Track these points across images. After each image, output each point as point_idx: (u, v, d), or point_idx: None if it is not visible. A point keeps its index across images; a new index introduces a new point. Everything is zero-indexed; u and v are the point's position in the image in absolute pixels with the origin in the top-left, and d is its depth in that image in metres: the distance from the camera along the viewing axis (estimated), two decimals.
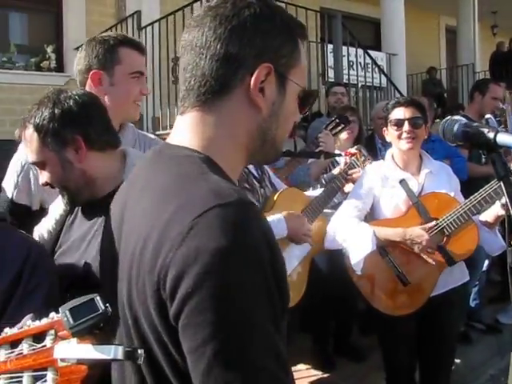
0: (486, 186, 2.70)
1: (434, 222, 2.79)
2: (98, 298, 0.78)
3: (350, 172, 3.30)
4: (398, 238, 2.79)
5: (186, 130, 1.09)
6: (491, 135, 1.32)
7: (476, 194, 2.73)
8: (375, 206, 2.96)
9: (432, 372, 2.98)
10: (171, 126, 6.77)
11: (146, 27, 7.20)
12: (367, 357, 4.21)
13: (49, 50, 8.46)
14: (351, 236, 2.85)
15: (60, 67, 8.58)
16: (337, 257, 3.09)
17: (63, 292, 1.48)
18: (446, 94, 12.25)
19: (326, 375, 4.03)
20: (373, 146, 4.93)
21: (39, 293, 1.37)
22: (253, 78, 1.04)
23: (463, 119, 1.41)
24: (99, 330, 0.78)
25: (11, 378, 0.74)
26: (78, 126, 1.65)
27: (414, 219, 2.83)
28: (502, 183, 1.30)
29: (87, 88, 2.16)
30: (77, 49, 7.89)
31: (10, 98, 7.78)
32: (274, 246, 0.93)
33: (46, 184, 1.71)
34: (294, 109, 1.13)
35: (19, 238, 1.49)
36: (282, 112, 1.10)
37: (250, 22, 1.04)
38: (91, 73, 2.14)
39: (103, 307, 0.77)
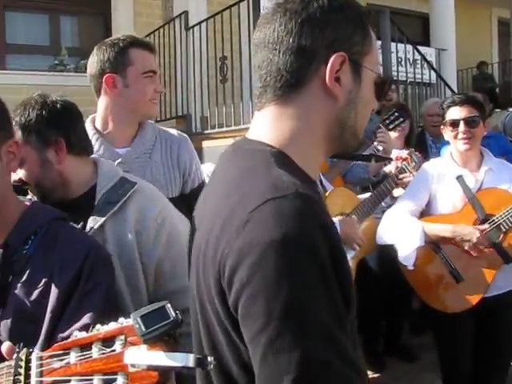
0: None
1: (486, 225, 2.74)
2: (169, 305, 0.78)
3: (400, 176, 3.28)
4: (448, 234, 2.76)
5: (263, 125, 1.11)
6: None
7: None
8: (431, 202, 2.93)
9: (487, 373, 2.92)
10: (219, 125, 6.85)
11: (193, 27, 7.28)
12: (418, 356, 4.15)
13: None
14: (400, 229, 2.84)
15: None
16: (387, 255, 3.06)
17: None
18: (498, 89, 11.94)
19: (376, 375, 4.00)
20: (423, 143, 4.86)
21: (98, 293, 1.39)
22: (328, 68, 1.05)
23: None
24: (169, 337, 0.79)
25: (81, 380, 0.76)
26: (62, 129, 1.74)
27: (469, 215, 2.79)
28: None
29: (102, 92, 2.23)
30: None
31: None
32: (333, 239, 0.93)
33: (20, 181, 1.74)
34: (370, 96, 1.14)
35: (79, 237, 1.52)
36: (359, 100, 1.11)
37: (320, 14, 1.06)
38: (105, 77, 2.17)
39: (174, 314, 0.78)
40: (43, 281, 1.38)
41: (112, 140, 2.24)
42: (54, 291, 1.37)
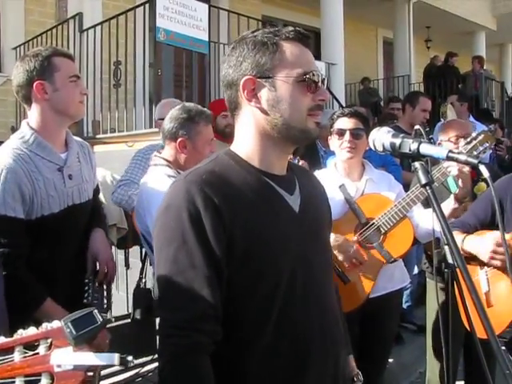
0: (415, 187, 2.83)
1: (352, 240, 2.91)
2: (96, 311, 0.85)
3: None
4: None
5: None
6: (415, 146, 1.43)
7: (408, 192, 2.87)
8: None
9: (367, 371, 3.07)
10: (112, 130, 6.77)
11: (87, 30, 7.14)
12: None
13: None
14: None
15: None
16: None
17: None
18: (382, 103, 12.60)
19: None
20: (315, 153, 5.00)
21: None
22: (242, 92, 1.47)
23: (391, 130, 1.51)
24: (93, 340, 0.85)
25: (2, 383, 0.79)
26: None
27: (351, 221, 2.93)
28: (425, 190, 1.40)
29: (33, 99, 2.33)
30: (15, 49, 7.76)
31: None
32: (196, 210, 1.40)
33: None
34: (291, 96, 1.46)
35: None
36: (279, 103, 1.46)
37: (234, 57, 1.50)
38: (34, 84, 2.29)
39: (101, 319, 0.84)
40: None
41: (52, 145, 2.35)
42: None
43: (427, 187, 1.39)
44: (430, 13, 12.96)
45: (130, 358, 0.87)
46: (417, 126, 1.92)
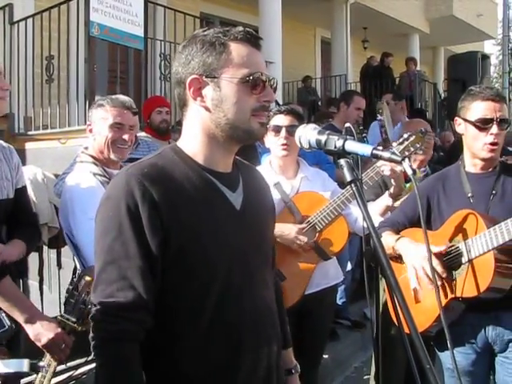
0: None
1: (304, 224, 2.93)
2: (4, 314, 0.80)
3: None
4: None
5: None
6: (340, 143, 1.43)
7: (343, 190, 2.91)
8: None
9: (302, 367, 3.09)
10: (44, 126, 6.58)
11: (18, 22, 6.92)
12: None
13: None
14: None
15: None
16: None
17: None
18: (320, 102, 12.76)
19: None
20: (252, 150, 5.00)
21: None
22: (189, 90, 1.50)
23: (317, 127, 1.52)
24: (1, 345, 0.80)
25: None
26: None
27: (287, 219, 2.96)
28: (351, 187, 1.40)
29: None
30: None
31: None
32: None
33: None
34: (235, 96, 1.48)
35: None
36: (223, 102, 1.48)
37: (185, 56, 1.52)
38: None
39: (9, 323, 0.80)
40: None
41: None
42: None
43: (352, 184, 1.40)
44: (367, 14, 13.21)
45: (41, 363, 0.83)
46: (347, 124, 1.93)
